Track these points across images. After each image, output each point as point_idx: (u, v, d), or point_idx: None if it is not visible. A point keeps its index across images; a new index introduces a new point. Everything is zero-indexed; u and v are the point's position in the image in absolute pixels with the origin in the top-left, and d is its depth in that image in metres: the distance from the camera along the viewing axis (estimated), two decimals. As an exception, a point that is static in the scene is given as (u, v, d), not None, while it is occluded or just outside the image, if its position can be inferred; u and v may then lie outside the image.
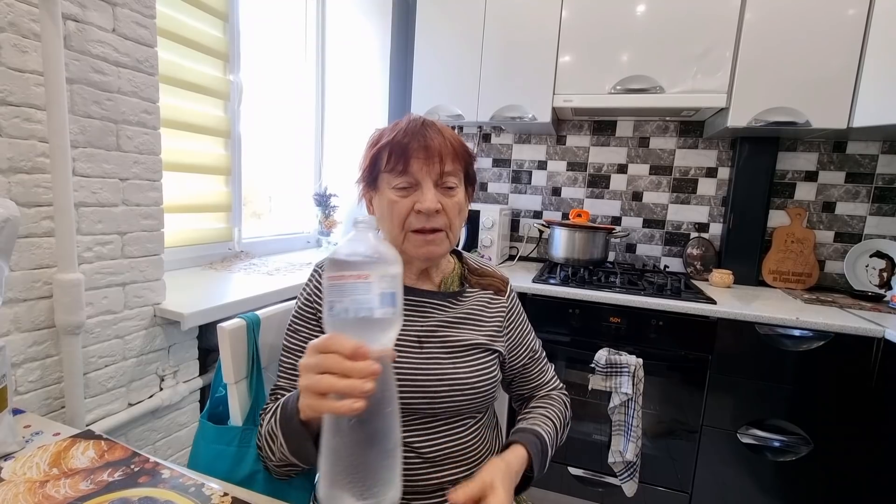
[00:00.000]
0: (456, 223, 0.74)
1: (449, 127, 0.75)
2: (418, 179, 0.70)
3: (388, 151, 0.70)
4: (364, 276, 0.46)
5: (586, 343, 1.62)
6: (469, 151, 0.76)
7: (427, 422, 0.72)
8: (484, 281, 0.83)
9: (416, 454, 0.71)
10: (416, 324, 0.74)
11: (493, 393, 0.77)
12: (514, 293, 0.88)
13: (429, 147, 0.69)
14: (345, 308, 0.47)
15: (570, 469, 1.70)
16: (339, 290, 0.47)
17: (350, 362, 0.46)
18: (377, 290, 0.47)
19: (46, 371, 0.93)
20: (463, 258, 0.86)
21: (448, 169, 0.71)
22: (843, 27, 1.57)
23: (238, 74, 1.63)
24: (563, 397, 0.87)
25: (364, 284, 0.46)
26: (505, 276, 0.87)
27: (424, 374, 0.71)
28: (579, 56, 1.83)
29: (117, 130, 1.00)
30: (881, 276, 1.81)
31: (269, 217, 2.03)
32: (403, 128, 0.71)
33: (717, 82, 1.69)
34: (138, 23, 1.02)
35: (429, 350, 0.73)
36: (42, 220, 0.90)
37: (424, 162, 0.69)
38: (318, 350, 0.48)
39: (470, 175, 0.78)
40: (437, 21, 2.00)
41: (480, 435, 0.77)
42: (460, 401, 0.72)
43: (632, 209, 2.16)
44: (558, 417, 0.82)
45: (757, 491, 1.52)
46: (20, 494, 0.59)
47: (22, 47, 0.84)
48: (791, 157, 1.94)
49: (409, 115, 0.75)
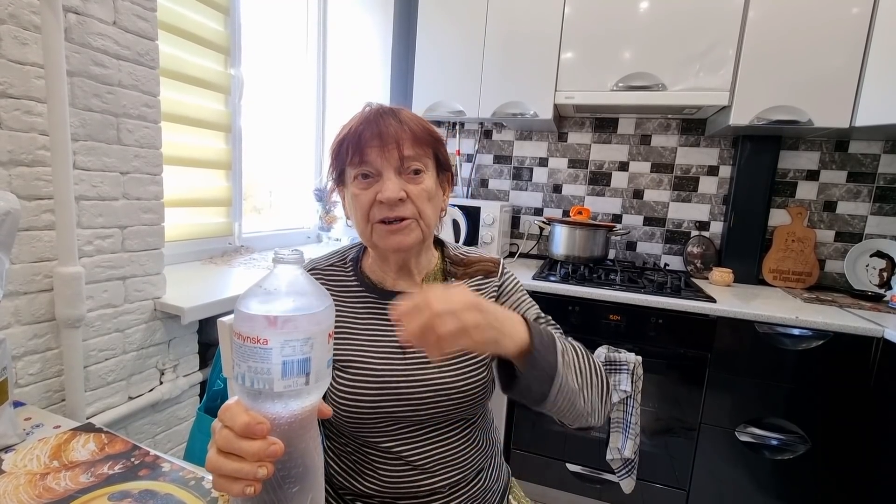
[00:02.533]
0: (427, 211, 0.68)
1: (412, 112, 0.71)
2: (378, 168, 0.66)
3: (345, 144, 0.68)
4: (262, 340, 0.38)
5: (586, 340, 1.58)
6: (435, 135, 0.71)
7: (413, 430, 0.69)
8: (471, 270, 0.77)
9: (404, 462, 0.68)
10: (396, 331, 0.72)
11: (483, 397, 0.72)
12: (509, 273, 0.80)
13: (383, 134, 0.65)
14: (242, 374, 0.39)
15: (569, 465, 1.71)
16: (239, 352, 0.39)
17: (242, 441, 0.39)
18: (278, 358, 0.38)
19: (47, 364, 0.93)
20: (446, 250, 0.80)
21: (408, 153, 0.66)
22: (846, 26, 1.56)
23: (239, 69, 1.62)
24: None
25: (262, 351, 0.38)
26: (495, 258, 0.80)
27: (407, 382, 0.67)
28: (581, 53, 1.82)
29: (118, 124, 1.00)
30: (881, 276, 1.81)
31: (269, 212, 2.03)
32: (359, 118, 0.69)
33: (720, 80, 1.68)
34: (139, 16, 1.02)
35: (412, 356, 0.69)
36: (43, 213, 0.90)
37: (380, 150, 0.65)
38: (218, 418, 0.42)
39: (441, 160, 0.73)
40: (438, 16, 1.99)
41: (473, 438, 0.74)
42: (447, 407, 0.68)
43: (633, 207, 2.15)
44: (584, 354, 0.66)
45: (754, 489, 1.53)
46: (21, 487, 0.60)
47: (22, 39, 0.84)
48: (793, 156, 1.93)
49: (368, 103, 0.72)
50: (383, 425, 0.68)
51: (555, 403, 0.59)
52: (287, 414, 0.40)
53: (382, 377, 0.67)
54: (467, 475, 0.73)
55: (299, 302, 0.40)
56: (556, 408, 0.59)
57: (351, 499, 0.72)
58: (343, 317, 0.72)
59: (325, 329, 0.41)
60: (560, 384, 0.57)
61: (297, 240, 2.09)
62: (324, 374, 0.42)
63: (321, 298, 0.42)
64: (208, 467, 0.41)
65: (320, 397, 0.43)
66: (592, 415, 0.64)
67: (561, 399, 0.58)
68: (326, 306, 0.41)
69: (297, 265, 0.43)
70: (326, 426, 0.74)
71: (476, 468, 0.74)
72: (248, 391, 0.39)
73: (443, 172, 0.74)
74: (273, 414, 0.40)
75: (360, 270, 0.76)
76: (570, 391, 0.59)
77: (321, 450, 0.45)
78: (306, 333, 0.39)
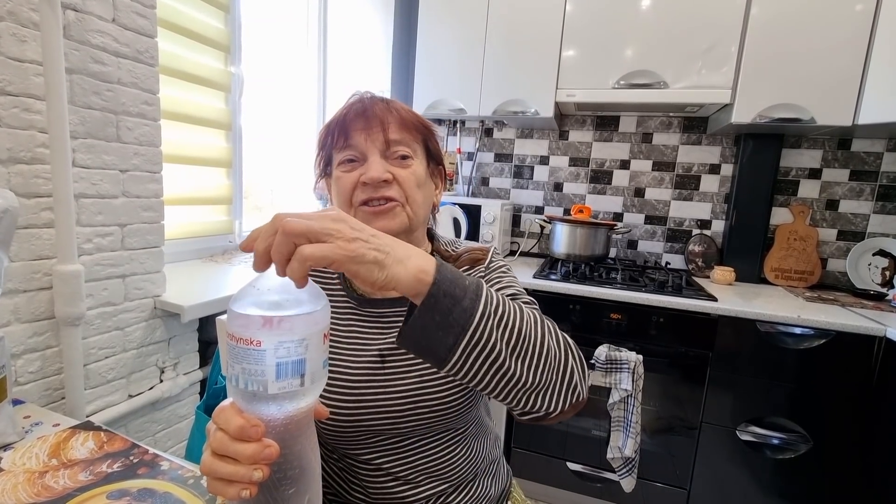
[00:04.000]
0: (415, 197, 0.64)
1: (405, 104, 0.69)
2: (363, 151, 0.63)
3: (331, 130, 0.66)
4: (255, 342, 0.37)
5: (586, 339, 1.62)
6: (424, 122, 0.68)
7: (395, 442, 0.66)
8: (459, 262, 0.72)
9: (387, 474, 0.66)
10: (377, 340, 0.66)
11: (469, 406, 0.67)
12: (498, 259, 0.74)
13: (368, 115, 0.63)
14: (235, 376, 0.38)
15: (569, 464, 1.71)
16: (232, 353, 0.38)
17: (236, 444, 0.38)
18: (272, 360, 0.37)
19: (46, 362, 0.93)
20: (435, 244, 0.75)
21: (395, 137, 0.63)
22: (850, 23, 1.55)
23: (239, 66, 1.62)
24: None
25: (256, 353, 0.37)
26: (486, 246, 0.74)
27: (386, 394, 0.64)
28: (583, 50, 1.81)
29: (117, 121, 1.00)
30: (884, 275, 1.80)
31: (270, 210, 2.03)
32: (345, 104, 0.67)
33: (722, 78, 1.67)
34: (138, 13, 1.02)
35: (391, 366, 0.65)
36: (42, 210, 0.89)
37: (365, 131, 0.63)
38: (212, 420, 0.41)
39: (431, 150, 0.70)
40: (439, 14, 1.98)
41: (462, 447, 0.71)
42: (428, 419, 0.64)
43: (634, 205, 2.15)
44: (536, 319, 0.51)
45: (755, 488, 1.53)
46: (19, 485, 0.60)
47: (21, 37, 0.83)
48: (795, 154, 1.92)
49: (357, 91, 0.70)
50: (363, 438, 0.65)
51: (466, 364, 0.45)
52: (282, 416, 0.40)
53: (360, 389, 0.64)
54: (457, 485, 0.70)
55: (293, 302, 0.39)
56: (471, 373, 0.45)
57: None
58: None
59: (321, 329, 0.40)
60: (475, 340, 0.44)
61: (297, 238, 2.08)
62: (320, 376, 0.41)
63: (316, 298, 0.40)
64: (203, 470, 0.40)
65: (316, 398, 0.42)
66: (542, 395, 0.50)
67: (479, 362, 0.45)
68: (322, 306, 0.40)
69: None
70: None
71: (466, 478, 0.71)
72: (242, 393, 0.39)
73: (434, 165, 0.71)
74: (268, 416, 0.39)
75: (343, 274, 0.71)
76: (494, 353, 0.45)
77: (318, 450, 0.44)
78: (301, 334, 0.38)
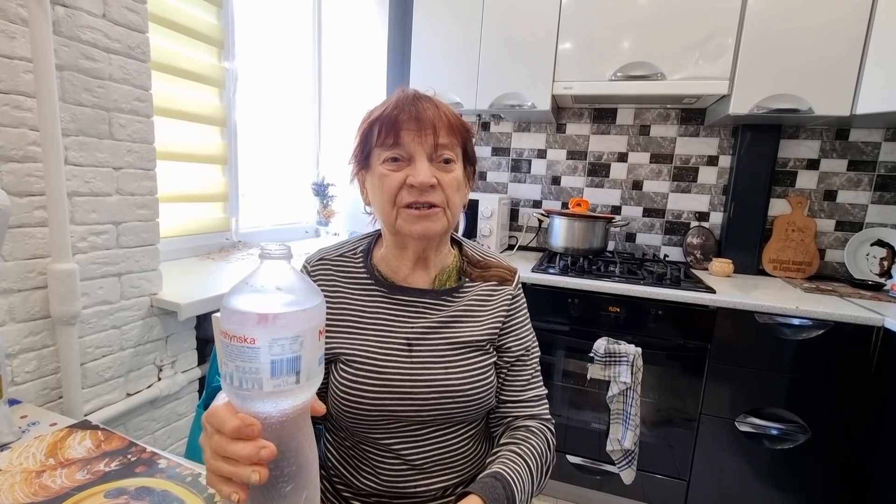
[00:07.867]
0: (455, 200, 0.68)
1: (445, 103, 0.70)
2: (410, 152, 0.65)
3: (378, 125, 0.66)
4: (249, 340, 0.36)
5: (585, 332, 1.62)
6: (467, 127, 0.71)
7: (415, 429, 0.68)
8: (487, 273, 0.75)
9: (402, 461, 0.68)
10: (405, 326, 0.69)
11: (489, 399, 0.70)
12: (521, 289, 0.80)
13: (420, 118, 0.64)
14: (230, 374, 0.38)
15: (569, 457, 1.71)
16: (226, 351, 0.38)
17: (233, 445, 0.38)
18: (266, 357, 0.37)
19: (43, 361, 0.93)
20: (463, 249, 0.78)
21: (443, 141, 0.66)
22: (847, 13, 1.54)
23: (233, 62, 1.60)
24: (548, 431, 0.72)
25: (250, 350, 0.37)
26: (513, 266, 0.79)
27: (412, 380, 0.66)
28: (579, 42, 1.80)
29: (109, 118, 0.99)
30: (882, 265, 1.81)
31: (267, 207, 2.02)
32: (394, 100, 0.67)
33: (719, 69, 1.66)
34: (129, 8, 1.00)
35: (418, 353, 0.68)
36: (35, 209, 0.89)
37: (416, 133, 0.64)
38: (206, 422, 0.41)
39: (468, 153, 0.72)
40: (435, 7, 1.96)
41: (475, 442, 0.73)
42: (451, 408, 0.67)
43: (632, 198, 2.14)
44: (534, 456, 0.67)
45: (754, 479, 1.53)
46: (16, 484, 0.59)
47: (9, 33, 0.82)
48: (793, 145, 1.92)
49: (402, 87, 0.71)
50: (384, 422, 0.67)
51: None
52: (278, 414, 0.39)
53: (387, 374, 0.66)
54: (466, 480, 0.72)
55: (287, 299, 0.38)
56: None
57: (349, 496, 0.72)
58: (350, 310, 0.70)
59: (316, 326, 0.40)
60: None
61: (295, 235, 2.08)
62: (315, 373, 0.40)
63: (310, 295, 0.40)
64: (208, 468, 0.41)
65: (312, 395, 0.42)
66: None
67: None
68: (317, 303, 0.40)
69: (285, 260, 0.41)
70: (326, 418, 0.74)
71: (475, 474, 0.72)
72: (236, 391, 0.38)
73: (469, 166, 0.74)
74: (264, 414, 0.39)
75: (370, 262, 0.74)
76: None
77: (315, 447, 0.44)
78: (295, 331, 0.38)
